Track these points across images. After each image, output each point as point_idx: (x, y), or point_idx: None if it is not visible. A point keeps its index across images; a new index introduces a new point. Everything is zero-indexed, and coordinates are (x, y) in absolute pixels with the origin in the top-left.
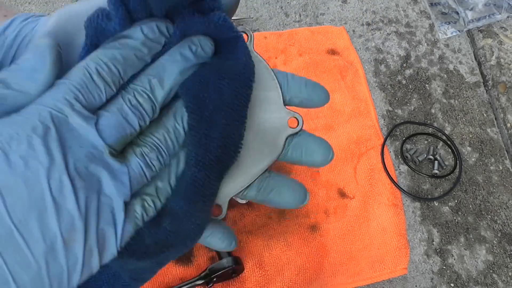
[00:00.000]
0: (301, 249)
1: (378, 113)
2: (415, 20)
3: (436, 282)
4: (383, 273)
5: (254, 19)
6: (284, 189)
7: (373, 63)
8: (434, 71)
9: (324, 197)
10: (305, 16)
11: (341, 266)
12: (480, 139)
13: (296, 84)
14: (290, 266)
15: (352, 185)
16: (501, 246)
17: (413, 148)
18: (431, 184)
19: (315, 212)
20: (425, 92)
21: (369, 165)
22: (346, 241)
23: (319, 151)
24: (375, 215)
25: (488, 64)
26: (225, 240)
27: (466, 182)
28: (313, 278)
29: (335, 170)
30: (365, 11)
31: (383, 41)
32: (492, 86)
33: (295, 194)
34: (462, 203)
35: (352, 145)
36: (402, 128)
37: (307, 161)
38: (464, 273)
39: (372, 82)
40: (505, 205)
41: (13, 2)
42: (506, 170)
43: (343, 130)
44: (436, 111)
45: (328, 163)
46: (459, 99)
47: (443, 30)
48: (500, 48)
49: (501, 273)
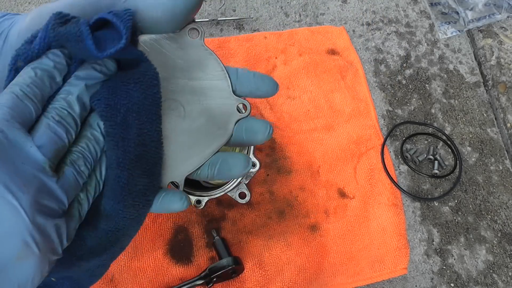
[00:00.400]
0: (301, 249)
1: (378, 113)
2: (415, 20)
3: (436, 282)
4: (383, 273)
5: (254, 19)
6: (228, 157)
7: (373, 63)
8: (434, 71)
9: (324, 197)
10: (305, 16)
11: (341, 266)
12: (480, 139)
13: (244, 75)
14: (290, 266)
15: (352, 185)
16: (501, 246)
17: (413, 148)
18: (431, 184)
19: (315, 212)
20: (425, 92)
21: (369, 165)
22: (346, 241)
23: (261, 130)
24: (375, 215)
25: (488, 64)
26: (175, 200)
27: (466, 182)
28: (313, 278)
29: (335, 170)
30: (365, 11)
31: (383, 41)
32: (492, 86)
33: (239, 159)
34: (462, 203)
35: (352, 145)
36: (402, 128)
37: (251, 140)
38: (464, 273)
39: (372, 82)
40: (505, 205)
41: (13, 2)
42: (506, 170)
43: (343, 130)
44: (436, 111)
45: (268, 139)
46: (459, 99)
47: (443, 30)
48: (500, 48)
49: (501, 273)
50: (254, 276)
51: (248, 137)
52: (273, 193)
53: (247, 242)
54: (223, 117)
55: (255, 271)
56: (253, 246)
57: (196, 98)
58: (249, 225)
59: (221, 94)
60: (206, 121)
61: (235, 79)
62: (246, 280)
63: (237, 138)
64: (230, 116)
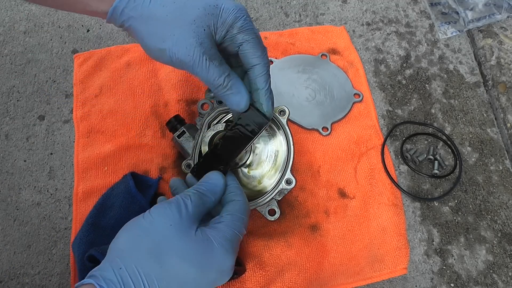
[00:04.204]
0: (302, 249)
1: (378, 113)
2: (415, 20)
3: (436, 282)
4: (383, 273)
5: (254, 19)
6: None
7: (373, 63)
8: (434, 71)
9: (324, 197)
10: (305, 16)
11: (341, 266)
12: (480, 139)
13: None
14: (290, 266)
15: (352, 185)
16: (501, 246)
17: (413, 148)
18: (431, 184)
19: (315, 212)
20: (425, 92)
21: (369, 165)
22: (346, 241)
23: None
24: (375, 215)
25: (488, 64)
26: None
27: (466, 182)
28: (313, 278)
29: (335, 170)
30: (365, 11)
31: (383, 41)
32: (492, 86)
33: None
34: (462, 203)
35: (353, 145)
36: (402, 128)
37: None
38: (464, 273)
39: (372, 82)
40: (505, 205)
41: (13, 2)
42: (506, 170)
43: (343, 130)
44: (436, 111)
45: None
46: (459, 99)
47: (443, 30)
48: (500, 48)
49: (501, 273)
50: (254, 276)
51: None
52: None
53: (247, 242)
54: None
55: (255, 271)
56: (253, 246)
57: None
58: (249, 225)
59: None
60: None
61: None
62: (247, 280)
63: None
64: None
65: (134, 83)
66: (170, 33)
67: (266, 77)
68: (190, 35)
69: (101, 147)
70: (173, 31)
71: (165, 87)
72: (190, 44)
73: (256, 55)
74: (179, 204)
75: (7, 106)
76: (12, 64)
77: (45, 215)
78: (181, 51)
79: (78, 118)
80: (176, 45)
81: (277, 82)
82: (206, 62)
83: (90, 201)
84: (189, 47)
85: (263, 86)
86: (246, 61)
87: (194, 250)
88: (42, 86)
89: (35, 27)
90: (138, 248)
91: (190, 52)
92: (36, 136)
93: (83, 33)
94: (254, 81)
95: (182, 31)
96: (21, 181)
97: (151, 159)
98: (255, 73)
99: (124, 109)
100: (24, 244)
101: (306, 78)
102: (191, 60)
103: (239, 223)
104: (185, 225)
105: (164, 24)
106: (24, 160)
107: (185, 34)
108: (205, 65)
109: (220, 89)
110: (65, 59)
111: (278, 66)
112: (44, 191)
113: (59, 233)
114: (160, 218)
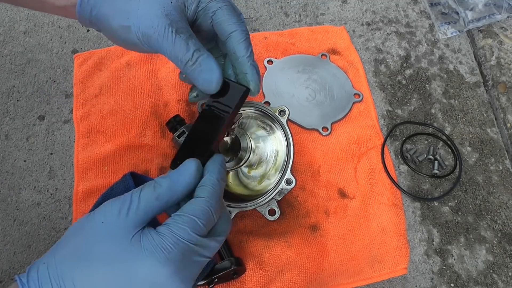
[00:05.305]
0: (302, 249)
1: (378, 113)
2: (415, 20)
3: (436, 282)
4: (383, 273)
5: (254, 19)
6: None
7: (373, 63)
8: (434, 71)
9: (324, 197)
10: (305, 16)
11: (341, 266)
12: (480, 139)
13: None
14: (290, 266)
15: (352, 185)
16: (501, 246)
17: (413, 148)
18: (431, 184)
19: (315, 212)
20: (425, 92)
21: (369, 165)
22: (346, 241)
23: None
24: (375, 215)
25: (488, 64)
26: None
27: (466, 182)
28: (313, 278)
29: (335, 170)
30: (365, 11)
31: (383, 41)
32: (492, 86)
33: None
34: (462, 203)
35: (353, 145)
36: (402, 128)
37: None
38: (464, 273)
39: (372, 82)
40: (505, 205)
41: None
42: (506, 170)
43: (343, 130)
44: (436, 111)
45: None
46: (459, 99)
47: (443, 30)
48: (500, 48)
49: (501, 273)
50: (254, 277)
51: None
52: None
53: (247, 242)
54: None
55: (255, 271)
56: (253, 246)
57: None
58: (249, 225)
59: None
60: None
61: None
62: (247, 280)
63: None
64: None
65: (134, 83)
66: (135, 8)
67: (246, 43)
68: (155, 6)
69: (101, 147)
70: (138, 5)
71: (165, 87)
72: (154, 15)
73: (232, 22)
74: (123, 202)
75: (7, 106)
76: (12, 64)
77: (45, 215)
78: (145, 23)
79: (78, 118)
80: (141, 19)
81: (277, 82)
82: (172, 35)
83: (90, 201)
84: (153, 18)
85: (244, 53)
86: (221, 31)
87: (120, 257)
88: (42, 86)
89: (35, 27)
90: (66, 245)
91: (154, 23)
92: (36, 136)
93: (83, 33)
94: (233, 50)
95: (147, 5)
96: (21, 181)
97: (151, 159)
98: (233, 42)
99: (124, 109)
100: (24, 244)
101: (306, 78)
102: (155, 31)
103: (186, 227)
104: (121, 227)
105: (129, 0)
106: (24, 160)
107: (150, 6)
108: (171, 38)
109: (188, 67)
110: (65, 59)
111: (278, 66)
112: (44, 191)
113: (59, 233)
114: (97, 216)
